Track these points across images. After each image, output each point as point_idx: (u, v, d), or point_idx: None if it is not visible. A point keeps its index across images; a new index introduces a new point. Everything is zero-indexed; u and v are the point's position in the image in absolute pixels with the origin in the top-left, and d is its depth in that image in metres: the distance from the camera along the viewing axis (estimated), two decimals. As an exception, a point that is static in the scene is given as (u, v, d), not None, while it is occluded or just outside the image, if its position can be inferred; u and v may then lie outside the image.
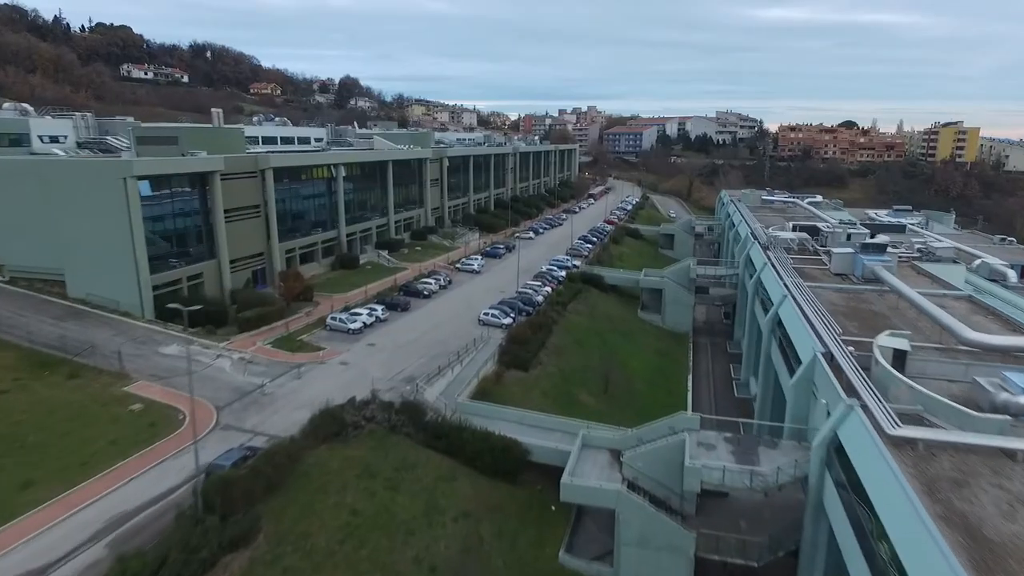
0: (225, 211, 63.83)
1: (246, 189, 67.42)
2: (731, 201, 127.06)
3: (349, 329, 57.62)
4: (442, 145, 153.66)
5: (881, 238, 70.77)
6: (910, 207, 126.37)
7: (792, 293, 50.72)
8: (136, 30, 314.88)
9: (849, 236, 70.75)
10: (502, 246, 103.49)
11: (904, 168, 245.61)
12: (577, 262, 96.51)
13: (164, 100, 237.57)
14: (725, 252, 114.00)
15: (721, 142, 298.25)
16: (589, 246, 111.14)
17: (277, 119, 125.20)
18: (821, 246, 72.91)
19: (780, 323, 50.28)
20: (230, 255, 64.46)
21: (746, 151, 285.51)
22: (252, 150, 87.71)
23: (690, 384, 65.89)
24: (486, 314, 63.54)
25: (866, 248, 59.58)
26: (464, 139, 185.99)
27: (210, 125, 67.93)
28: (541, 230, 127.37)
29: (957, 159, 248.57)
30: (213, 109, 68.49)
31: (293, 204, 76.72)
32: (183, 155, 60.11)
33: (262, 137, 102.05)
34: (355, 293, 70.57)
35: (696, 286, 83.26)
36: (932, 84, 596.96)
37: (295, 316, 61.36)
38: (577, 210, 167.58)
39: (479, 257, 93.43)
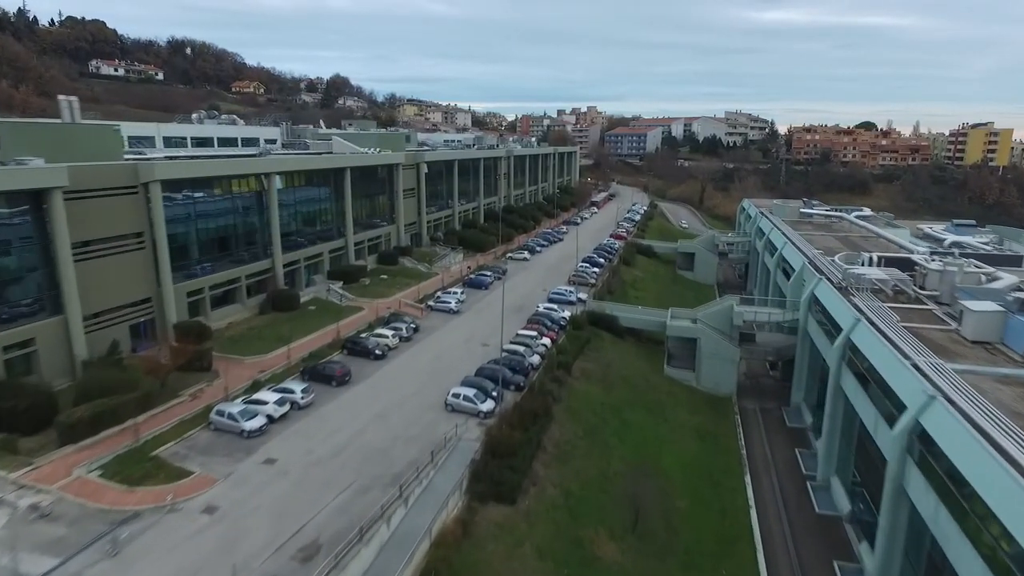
0: (81, 244, 44.13)
1: (120, 210, 47.60)
2: (761, 214, 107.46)
3: (244, 431, 37.75)
4: (425, 148, 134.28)
5: (1008, 278, 51.21)
6: (973, 221, 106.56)
7: (945, 393, 31.02)
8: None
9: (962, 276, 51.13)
10: (489, 273, 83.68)
11: (932, 173, 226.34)
12: (583, 294, 76.80)
13: (132, 98, 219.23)
14: (759, 278, 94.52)
15: (731, 144, 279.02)
16: (596, 270, 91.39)
17: (224, 117, 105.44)
18: (920, 287, 53.33)
19: (926, 437, 30.72)
20: (89, 307, 44.65)
21: (758, 154, 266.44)
22: (173, 153, 68.16)
23: (750, 492, 46.07)
24: (456, 395, 43.65)
25: (1027, 306, 39.87)
26: (453, 140, 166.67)
27: (58, 120, 47.95)
28: (538, 248, 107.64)
29: (989, 163, 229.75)
30: (62, 98, 48.65)
31: (202, 228, 56.84)
32: (2, 163, 40.33)
33: (192, 138, 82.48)
34: (276, 356, 50.68)
35: (740, 333, 63.58)
36: (928, 86, 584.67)
37: (174, 402, 41.52)
38: (579, 221, 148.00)
39: (459, 290, 73.55)
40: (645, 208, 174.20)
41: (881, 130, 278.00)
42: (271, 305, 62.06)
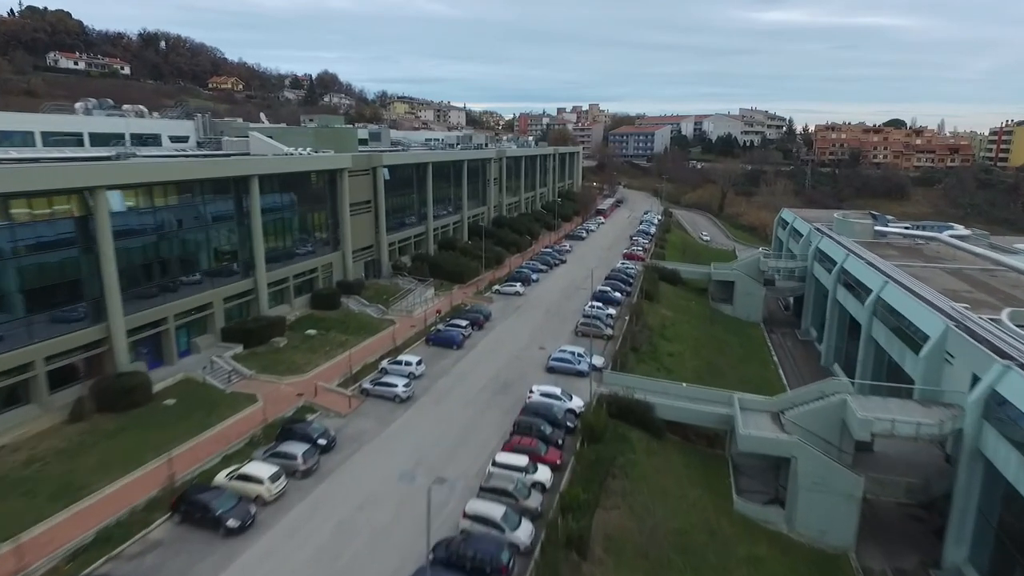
0: None
1: None
2: (818, 231, 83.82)
3: None
4: (398, 148, 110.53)
5: None
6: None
7: None
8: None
9: None
10: (464, 323, 59.48)
11: (977, 176, 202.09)
12: (597, 357, 52.56)
13: (85, 93, 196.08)
14: (831, 323, 70.24)
15: (748, 144, 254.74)
16: (612, 312, 67.41)
17: (127, 107, 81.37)
18: None
19: None
20: None
21: (778, 154, 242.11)
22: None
23: None
24: None
25: None
26: (434, 139, 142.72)
27: None
28: (534, 277, 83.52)
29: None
30: None
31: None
32: None
33: (45, 133, 58.44)
34: (19, 548, 26.47)
35: (856, 440, 39.53)
36: (928, 87, 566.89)
37: None
38: (584, 234, 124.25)
39: (414, 359, 49.26)
40: (659, 217, 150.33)
41: (912, 128, 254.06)
42: (95, 403, 37.98)
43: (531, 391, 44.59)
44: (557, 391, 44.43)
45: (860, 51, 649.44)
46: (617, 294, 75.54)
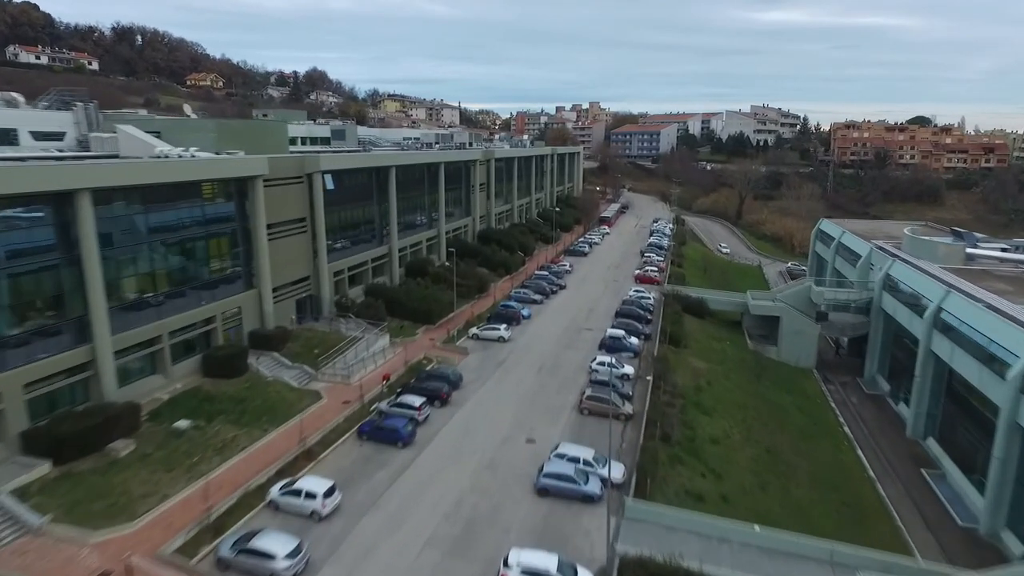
0: None
1: None
2: (883, 252, 65.72)
3: None
4: (368, 148, 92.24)
5: None
6: None
7: None
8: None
9: None
10: (417, 401, 40.77)
11: (1019, 178, 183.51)
12: (616, 469, 33.82)
13: (40, 89, 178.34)
14: (923, 382, 51.61)
15: (761, 143, 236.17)
16: (629, 371, 49.30)
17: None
18: None
19: None
20: None
21: (794, 154, 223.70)
22: None
23: None
24: None
25: None
26: (412, 138, 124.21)
27: None
28: (525, 312, 64.89)
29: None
30: None
31: None
32: None
33: None
34: None
35: None
36: (929, 87, 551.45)
37: None
38: (587, 248, 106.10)
39: (321, 489, 30.63)
40: (671, 226, 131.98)
41: (938, 126, 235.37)
42: None
43: (506, 564, 25.98)
44: (551, 565, 25.81)
45: (860, 51, 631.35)
46: (633, 339, 57.30)
